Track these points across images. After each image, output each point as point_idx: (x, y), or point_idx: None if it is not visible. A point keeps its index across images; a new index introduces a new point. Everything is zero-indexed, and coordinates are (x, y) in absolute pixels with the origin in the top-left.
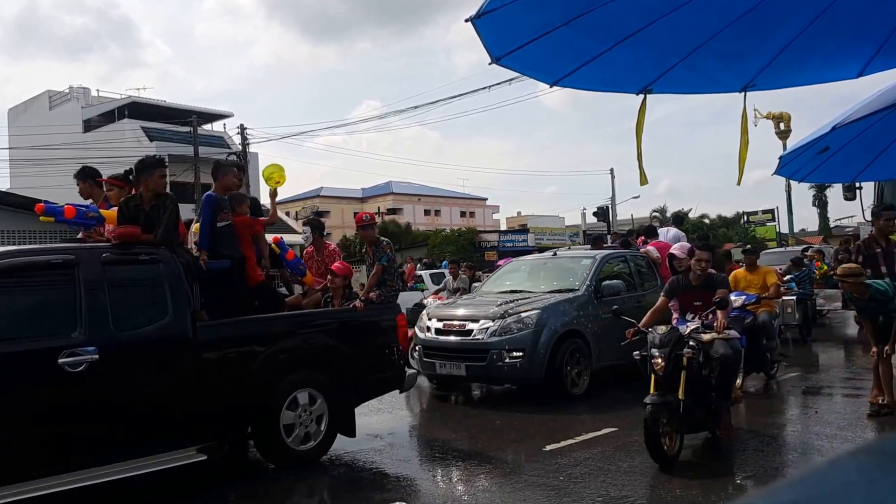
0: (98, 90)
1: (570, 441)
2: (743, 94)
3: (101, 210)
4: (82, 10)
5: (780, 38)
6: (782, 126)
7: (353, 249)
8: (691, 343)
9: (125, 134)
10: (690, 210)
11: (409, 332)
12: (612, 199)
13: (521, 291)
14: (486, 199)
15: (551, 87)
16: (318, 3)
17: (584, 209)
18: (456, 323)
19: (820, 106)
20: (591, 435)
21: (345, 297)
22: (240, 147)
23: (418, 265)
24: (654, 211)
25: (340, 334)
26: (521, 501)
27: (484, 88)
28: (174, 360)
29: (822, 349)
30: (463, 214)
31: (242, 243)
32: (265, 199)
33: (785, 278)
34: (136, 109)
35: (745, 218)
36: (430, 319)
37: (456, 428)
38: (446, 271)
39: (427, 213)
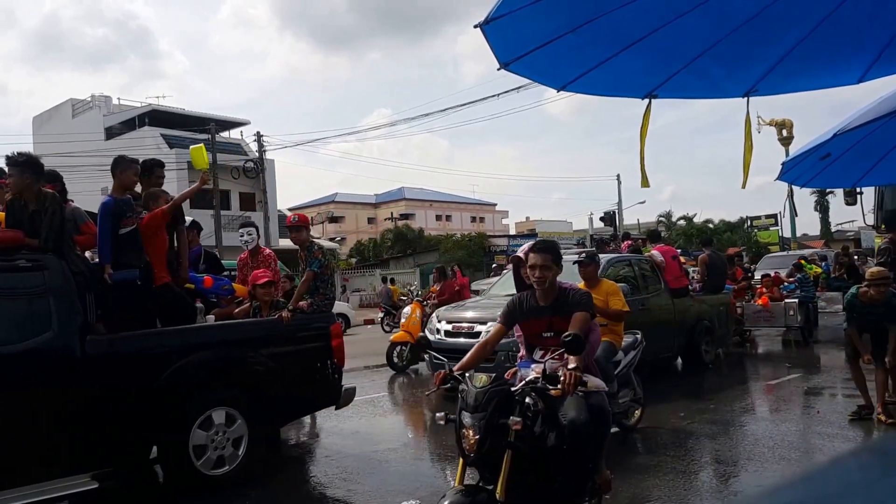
0: (119, 98)
1: None
2: (746, 99)
3: None
4: (102, 22)
5: (782, 45)
6: (785, 133)
7: (365, 254)
8: (528, 401)
9: (146, 141)
10: (695, 215)
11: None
12: (619, 204)
13: None
14: (495, 205)
15: (558, 91)
16: (329, 15)
17: (592, 214)
18: (465, 325)
19: (821, 113)
20: None
21: (273, 306)
22: (256, 154)
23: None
24: (660, 216)
25: (264, 347)
26: None
27: (493, 96)
28: (58, 378)
29: (824, 350)
30: (473, 219)
31: (151, 247)
32: (281, 205)
33: (788, 281)
34: (156, 117)
35: (749, 222)
36: (439, 322)
37: None
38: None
39: (438, 218)
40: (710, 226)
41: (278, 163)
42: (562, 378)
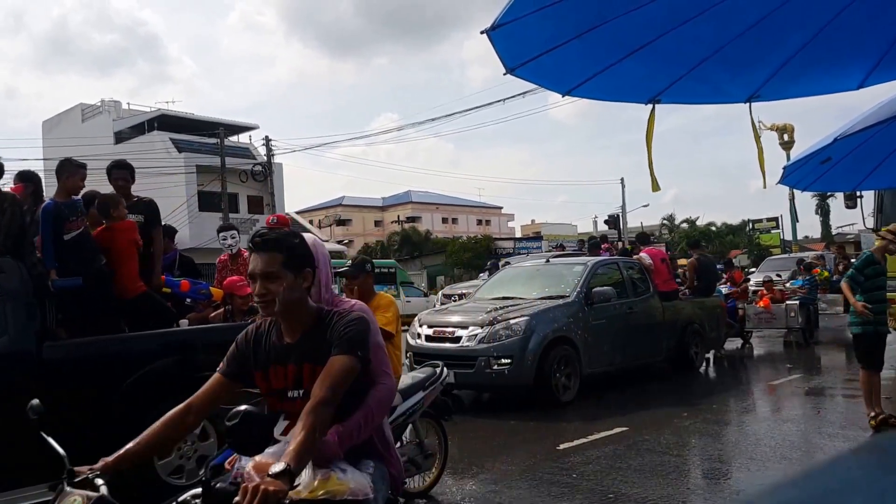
0: (128, 103)
1: (582, 440)
2: (748, 104)
3: None
4: (111, 27)
5: (783, 51)
6: (786, 137)
7: (372, 257)
8: None
9: (155, 145)
10: (698, 218)
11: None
12: (623, 207)
13: (513, 298)
14: (501, 208)
15: (563, 96)
16: (336, 20)
17: (596, 217)
18: (446, 330)
19: (822, 118)
20: (602, 434)
21: (249, 310)
22: (265, 158)
23: None
24: (664, 219)
25: None
26: (535, 498)
27: (499, 101)
28: (13, 385)
29: (824, 351)
30: (479, 222)
31: (121, 253)
32: (289, 208)
33: (788, 284)
34: (165, 122)
35: (751, 225)
36: (420, 326)
37: (471, 428)
38: None
39: (445, 221)
40: (713, 228)
41: (285, 166)
42: (237, 497)
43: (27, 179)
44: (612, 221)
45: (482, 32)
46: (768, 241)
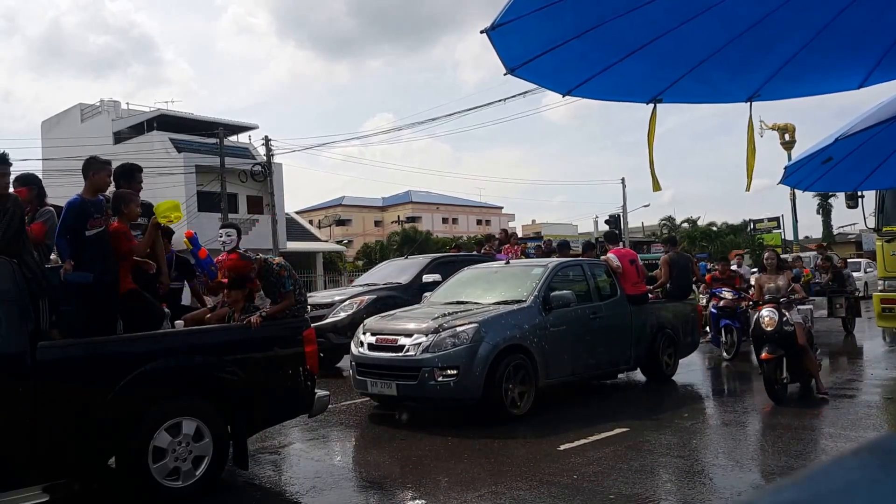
0: (128, 103)
1: (582, 441)
2: (749, 104)
3: None
4: (105, 29)
5: (784, 51)
6: (787, 137)
7: (372, 257)
8: None
9: (154, 145)
10: (699, 218)
11: None
12: (623, 207)
13: (466, 303)
14: (501, 208)
15: (564, 96)
16: (329, 22)
17: (597, 217)
18: (389, 338)
19: (823, 117)
20: (603, 435)
21: (245, 310)
22: (264, 158)
23: None
24: (663, 219)
25: (230, 353)
26: (535, 498)
27: (499, 101)
28: (7, 387)
29: (820, 354)
30: (479, 222)
31: (117, 254)
32: (289, 208)
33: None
34: (165, 122)
35: (752, 225)
36: (364, 334)
37: (471, 427)
38: None
39: (445, 221)
40: (714, 228)
41: (285, 166)
42: None
43: (30, 183)
44: (613, 221)
45: (482, 32)
46: (770, 241)
